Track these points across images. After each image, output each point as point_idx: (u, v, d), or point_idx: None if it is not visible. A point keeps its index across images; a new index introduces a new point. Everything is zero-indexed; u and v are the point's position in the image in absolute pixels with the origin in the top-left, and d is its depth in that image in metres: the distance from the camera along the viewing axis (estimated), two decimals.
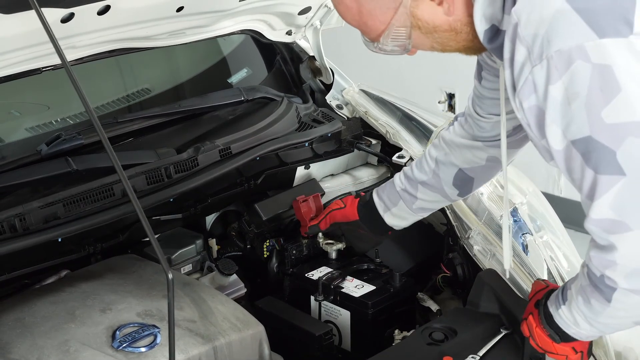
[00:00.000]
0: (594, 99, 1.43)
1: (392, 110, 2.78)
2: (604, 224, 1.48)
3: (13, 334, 1.87)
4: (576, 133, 1.46)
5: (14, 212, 2.03)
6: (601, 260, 1.52)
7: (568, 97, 1.45)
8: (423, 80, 4.48)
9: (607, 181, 1.45)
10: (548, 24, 1.46)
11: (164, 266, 1.44)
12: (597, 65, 1.42)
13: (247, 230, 2.53)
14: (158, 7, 2.18)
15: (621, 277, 1.51)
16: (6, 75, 2.09)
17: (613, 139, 1.43)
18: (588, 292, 1.61)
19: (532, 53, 1.47)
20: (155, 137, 2.51)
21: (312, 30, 2.82)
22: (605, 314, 1.61)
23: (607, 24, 1.43)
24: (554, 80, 1.45)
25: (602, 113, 1.43)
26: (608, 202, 1.45)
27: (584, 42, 1.43)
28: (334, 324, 2.34)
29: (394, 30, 1.66)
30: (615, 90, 1.42)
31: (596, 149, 1.44)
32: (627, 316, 1.61)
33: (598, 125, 1.43)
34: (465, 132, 2.14)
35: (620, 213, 1.45)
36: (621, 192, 1.44)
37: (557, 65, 1.45)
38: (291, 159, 2.63)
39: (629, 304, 1.55)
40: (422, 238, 2.65)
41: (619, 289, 1.52)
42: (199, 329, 1.94)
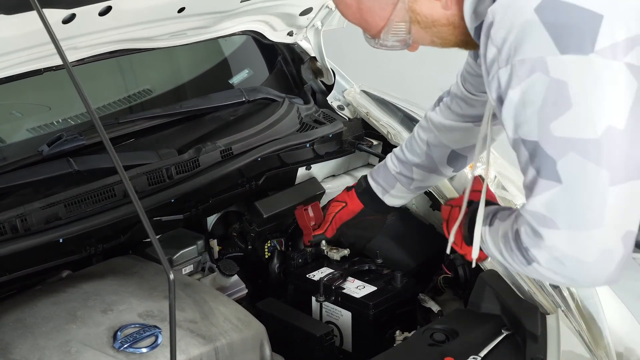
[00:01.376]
0: (546, 111, 1.52)
1: (393, 111, 2.78)
2: (536, 216, 1.57)
3: (14, 334, 1.87)
4: (526, 134, 1.56)
5: (15, 212, 2.03)
6: (529, 239, 1.61)
7: (524, 102, 1.53)
8: (424, 81, 4.48)
9: (544, 184, 1.54)
10: (516, 32, 1.53)
11: (165, 267, 1.44)
12: (554, 79, 1.50)
13: (248, 230, 2.53)
14: (159, 8, 2.18)
15: (544, 260, 1.59)
16: (7, 76, 2.09)
17: (557, 150, 1.52)
18: (512, 246, 1.68)
19: (500, 55, 1.55)
20: (157, 137, 2.51)
21: (314, 31, 2.82)
22: (520, 268, 1.70)
23: (571, 41, 1.49)
24: (514, 85, 1.54)
25: (551, 125, 1.51)
26: (543, 201, 1.55)
27: (546, 55, 1.50)
28: (335, 325, 2.34)
29: (394, 26, 1.71)
30: (566, 106, 1.50)
31: (540, 155, 1.54)
32: (539, 278, 1.76)
33: (545, 135, 1.52)
34: (453, 114, 2.18)
35: (552, 213, 1.54)
36: (555, 196, 1.53)
37: (518, 72, 1.53)
38: (292, 159, 2.63)
39: (543, 274, 1.64)
40: (423, 239, 2.65)
41: (539, 264, 1.62)
42: (200, 330, 1.94)
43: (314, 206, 2.52)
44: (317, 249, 2.54)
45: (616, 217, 1.52)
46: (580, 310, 2.20)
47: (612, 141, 1.50)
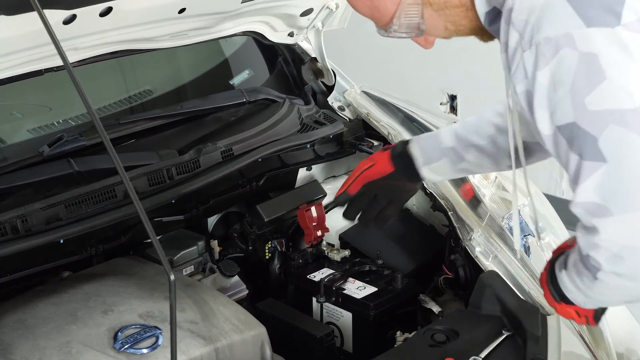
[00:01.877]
0: (579, 86, 1.46)
1: (394, 112, 2.78)
2: (587, 206, 1.49)
3: (15, 335, 1.87)
4: (561, 119, 1.49)
5: (16, 213, 2.03)
6: (586, 241, 1.53)
7: (554, 83, 1.48)
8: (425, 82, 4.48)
9: (589, 167, 1.47)
10: (539, 11, 1.49)
11: (165, 267, 1.44)
12: (583, 53, 1.45)
13: (248, 231, 2.53)
14: (160, 9, 2.18)
15: (603, 259, 1.51)
16: (8, 76, 2.09)
17: (595, 125, 1.45)
18: (579, 267, 1.61)
19: (523, 38, 1.51)
20: (157, 138, 2.51)
21: (314, 31, 2.82)
22: (595, 290, 1.61)
23: (596, 14, 1.46)
24: (541, 66, 1.48)
25: (586, 100, 1.45)
26: (592, 187, 1.47)
27: (572, 30, 1.46)
28: (335, 326, 2.34)
29: (406, 9, 1.66)
30: (599, 78, 1.45)
31: (579, 135, 1.47)
32: (614, 294, 1.61)
33: (581, 112, 1.46)
34: None
35: (604, 197, 1.47)
36: (603, 177, 1.46)
37: (544, 51, 1.48)
38: (293, 160, 2.63)
39: (613, 285, 1.56)
40: (423, 239, 2.65)
41: (602, 270, 1.53)
42: (201, 331, 1.94)
43: (316, 206, 2.52)
44: (318, 250, 2.54)
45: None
46: None
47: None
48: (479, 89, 4.16)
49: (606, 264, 1.51)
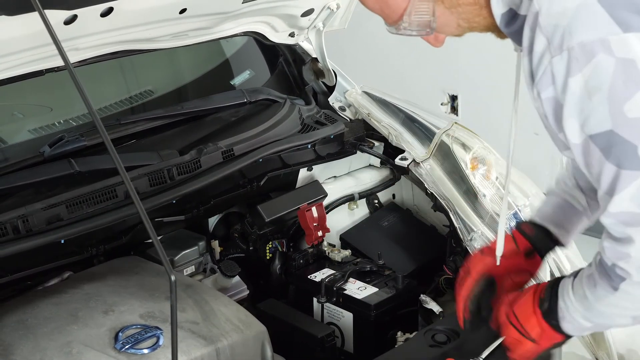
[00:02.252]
0: (617, 93, 1.41)
1: (394, 112, 2.77)
2: (623, 217, 1.46)
3: (16, 335, 1.87)
4: (595, 127, 1.44)
5: (17, 213, 2.04)
6: (615, 252, 1.51)
7: (588, 91, 1.43)
8: (425, 82, 4.48)
9: (628, 176, 1.43)
10: (571, 15, 1.44)
11: (166, 268, 1.44)
12: (620, 59, 1.41)
13: (249, 231, 2.53)
14: (161, 9, 2.18)
15: (634, 268, 1.49)
16: (9, 77, 2.09)
17: (635, 133, 1.41)
18: (596, 278, 1.58)
19: (552, 43, 1.45)
20: (158, 138, 2.51)
21: (315, 32, 2.82)
22: (607, 301, 1.58)
23: (632, 19, 1.42)
24: (573, 72, 1.43)
25: (625, 107, 1.41)
26: (629, 196, 1.44)
27: (608, 35, 1.41)
28: (336, 326, 2.34)
29: (417, 6, 1.60)
30: (638, 84, 1.41)
31: (617, 143, 1.42)
32: (629, 307, 1.58)
33: (620, 119, 1.42)
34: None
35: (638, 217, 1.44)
36: (632, 193, 1.42)
37: (578, 57, 1.42)
38: (294, 160, 2.63)
39: (635, 295, 1.53)
40: (424, 240, 2.65)
41: (629, 280, 1.51)
42: (202, 331, 1.94)
43: (317, 207, 2.52)
44: (319, 250, 2.54)
45: None
46: None
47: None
48: (480, 89, 4.16)
49: (636, 274, 1.49)
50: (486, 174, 2.56)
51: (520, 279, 1.89)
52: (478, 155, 2.58)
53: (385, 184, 2.81)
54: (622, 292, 1.53)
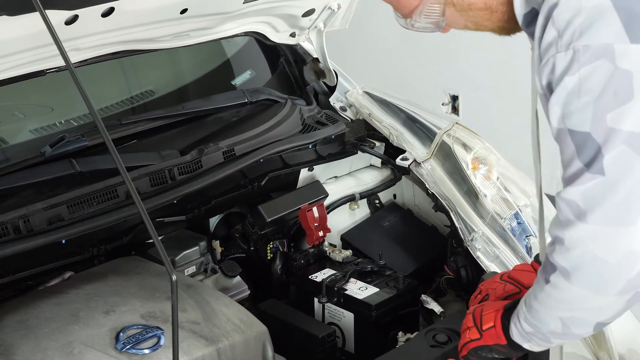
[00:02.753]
0: (604, 101, 1.44)
1: (395, 113, 2.77)
2: (571, 204, 1.50)
3: (17, 335, 1.88)
4: (576, 125, 1.47)
5: (18, 213, 2.04)
6: (556, 231, 1.54)
7: (579, 90, 1.45)
8: (427, 83, 4.48)
9: (588, 177, 1.47)
10: (585, 16, 1.45)
11: (167, 268, 1.44)
12: (619, 68, 1.42)
13: (250, 232, 2.53)
14: (162, 9, 2.18)
15: (562, 257, 1.52)
16: (10, 77, 2.10)
17: (608, 142, 1.44)
18: (538, 275, 1.61)
19: (561, 39, 1.47)
20: (159, 139, 2.51)
21: (316, 32, 2.82)
22: (540, 297, 1.61)
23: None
24: (572, 72, 1.46)
25: (608, 115, 1.43)
26: (581, 192, 1.48)
27: (615, 43, 1.43)
28: (337, 326, 2.34)
29: (428, 7, 1.63)
30: (627, 97, 1.43)
31: (590, 147, 1.46)
32: (555, 307, 1.60)
33: (600, 126, 1.44)
34: None
35: (586, 205, 1.48)
36: (594, 188, 1.46)
37: (580, 58, 1.44)
38: (295, 160, 2.63)
39: (561, 289, 1.55)
40: (425, 240, 2.65)
41: (557, 271, 1.54)
42: (203, 331, 1.95)
43: (317, 207, 2.52)
44: (320, 250, 2.54)
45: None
46: None
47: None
48: (481, 89, 4.16)
49: (563, 262, 1.52)
50: (487, 174, 2.56)
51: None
52: (479, 156, 2.58)
53: (386, 184, 2.81)
54: (551, 285, 1.56)
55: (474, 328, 1.81)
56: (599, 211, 1.47)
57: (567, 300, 1.57)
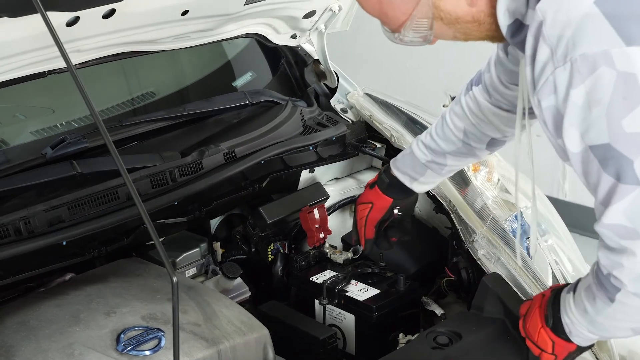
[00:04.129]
0: (616, 107, 1.42)
1: (396, 114, 2.77)
2: (616, 229, 1.47)
3: (17, 337, 1.87)
4: (595, 139, 1.45)
5: (18, 215, 2.04)
6: (610, 261, 1.52)
7: (589, 103, 1.44)
8: (427, 84, 4.48)
9: (623, 189, 1.44)
10: (575, 27, 1.44)
11: (168, 269, 1.44)
12: (622, 72, 1.41)
13: (251, 233, 2.53)
14: (163, 11, 2.18)
15: (628, 279, 1.51)
16: (11, 78, 2.09)
17: (632, 148, 1.42)
18: (594, 289, 1.61)
19: (556, 54, 1.46)
20: (160, 140, 2.51)
21: (317, 33, 2.82)
22: (606, 313, 1.62)
23: (635, 32, 1.42)
24: (576, 84, 1.44)
25: (623, 122, 1.42)
26: (622, 209, 1.45)
27: (611, 48, 1.41)
28: (338, 328, 2.34)
29: (416, 22, 1.63)
30: (638, 99, 1.41)
31: (614, 157, 1.44)
32: (625, 319, 1.61)
33: (618, 134, 1.43)
34: (488, 102, 2.06)
35: (633, 221, 1.45)
36: (636, 201, 1.44)
37: (580, 69, 1.43)
38: (296, 162, 2.63)
39: (630, 306, 1.56)
40: (426, 242, 2.65)
41: (624, 290, 1.53)
42: (204, 333, 1.95)
43: (318, 209, 2.52)
44: (321, 252, 2.54)
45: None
46: None
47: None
48: None
49: (629, 284, 1.51)
50: (488, 176, 2.56)
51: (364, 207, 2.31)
52: None
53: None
54: (618, 303, 1.56)
55: (543, 352, 1.83)
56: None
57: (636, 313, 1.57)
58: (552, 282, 2.24)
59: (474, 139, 2.13)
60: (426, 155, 2.21)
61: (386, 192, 2.30)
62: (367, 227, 2.33)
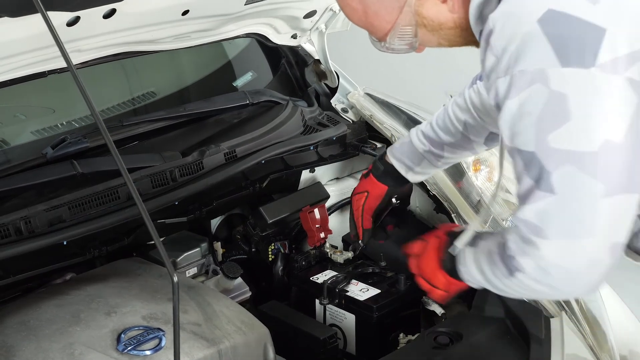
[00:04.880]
0: (544, 122, 1.51)
1: (397, 114, 2.77)
2: (528, 224, 1.56)
3: (18, 337, 1.88)
4: (522, 145, 1.55)
5: (19, 215, 2.04)
6: (517, 247, 1.60)
7: (521, 113, 1.53)
8: (428, 84, 4.48)
9: (539, 194, 1.54)
10: (518, 43, 1.52)
11: (169, 269, 1.44)
12: (554, 92, 1.49)
13: (252, 233, 2.53)
14: (164, 11, 2.18)
15: (529, 267, 1.59)
16: (12, 78, 2.10)
17: (553, 161, 1.52)
18: (496, 259, 1.69)
19: (499, 64, 1.55)
20: (161, 140, 2.51)
21: (317, 33, 2.82)
22: (503, 282, 1.70)
23: (572, 54, 1.49)
24: (512, 95, 1.53)
25: (549, 136, 1.51)
26: (535, 210, 1.55)
27: (547, 68, 1.49)
28: (338, 328, 2.34)
29: (400, 30, 1.71)
30: (564, 118, 1.50)
31: (536, 166, 1.53)
32: (520, 291, 1.71)
33: (542, 146, 1.52)
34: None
35: (543, 223, 1.54)
36: (548, 206, 1.53)
37: (517, 83, 1.52)
38: (296, 162, 2.63)
39: (527, 285, 1.64)
40: None
41: (525, 274, 1.61)
42: (204, 333, 1.95)
43: (319, 208, 2.52)
44: (321, 252, 2.54)
45: (607, 229, 1.53)
46: (584, 314, 2.20)
47: (609, 155, 1.50)
48: None
49: (532, 272, 1.59)
50: (488, 176, 2.56)
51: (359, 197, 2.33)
52: (480, 157, 2.58)
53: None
54: (516, 279, 1.65)
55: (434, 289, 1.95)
56: (555, 227, 1.54)
57: (534, 292, 1.67)
58: None
59: (474, 132, 2.17)
60: (424, 145, 2.24)
61: (380, 179, 2.32)
62: (365, 217, 2.34)
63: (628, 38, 1.51)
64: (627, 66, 1.50)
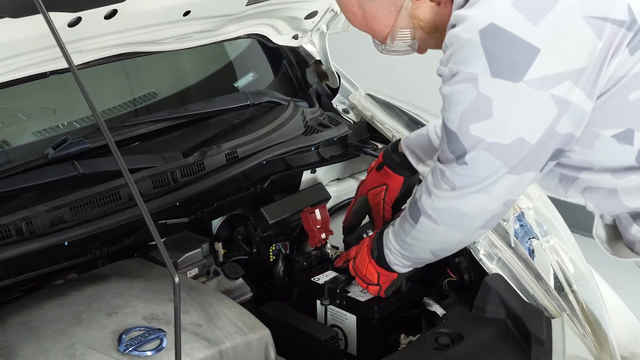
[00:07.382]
0: (469, 114, 1.73)
1: (398, 115, 2.77)
2: (443, 175, 1.83)
3: (19, 337, 1.88)
4: (448, 122, 1.78)
5: (20, 215, 2.04)
6: (425, 189, 1.88)
7: (450, 100, 1.75)
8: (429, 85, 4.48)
9: (455, 164, 1.80)
10: (459, 46, 1.70)
11: (170, 270, 1.44)
12: (481, 94, 1.69)
13: (253, 234, 2.53)
14: (165, 11, 2.18)
15: (429, 207, 1.88)
16: (13, 79, 2.10)
17: (470, 144, 1.76)
18: (405, 215, 1.96)
19: (444, 56, 1.74)
20: (162, 141, 2.51)
21: (319, 34, 2.83)
22: (412, 234, 1.96)
23: (503, 68, 1.66)
24: (447, 84, 1.74)
25: (470, 126, 1.73)
26: (450, 171, 1.81)
27: (479, 74, 1.68)
28: (340, 329, 2.34)
29: (399, 32, 1.84)
30: (487, 115, 1.71)
31: (455, 142, 1.77)
32: (425, 240, 1.97)
33: (464, 131, 1.75)
34: None
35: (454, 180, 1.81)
36: (461, 172, 1.80)
37: (451, 77, 1.72)
38: (297, 163, 2.63)
39: (429, 228, 1.90)
40: None
41: (423, 216, 1.89)
42: (205, 333, 1.95)
43: (320, 209, 2.51)
44: (322, 252, 2.54)
45: (504, 191, 1.81)
46: (585, 314, 2.20)
47: (519, 150, 1.73)
48: None
49: (431, 212, 1.88)
50: None
51: (378, 191, 2.36)
52: None
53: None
54: (420, 225, 1.92)
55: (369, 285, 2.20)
56: (464, 186, 1.81)
57: (435, 234, 1.93)
58: (553, 282, 2.24)
59: None
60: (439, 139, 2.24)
61: (396, 170, 2.34)
62: (386, 209, 2.36)
63: (561, 58, 1.67)
64: (554, 84, 1.67)
